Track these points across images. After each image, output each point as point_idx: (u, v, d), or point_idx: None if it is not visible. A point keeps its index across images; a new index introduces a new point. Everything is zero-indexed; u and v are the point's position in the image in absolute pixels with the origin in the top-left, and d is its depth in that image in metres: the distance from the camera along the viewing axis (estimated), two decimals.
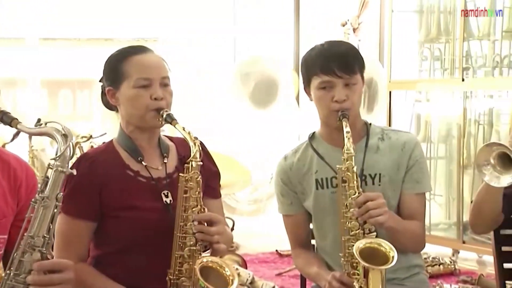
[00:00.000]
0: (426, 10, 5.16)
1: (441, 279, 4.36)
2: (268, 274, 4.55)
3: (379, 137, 2.34)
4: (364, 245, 2.07)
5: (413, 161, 2.31)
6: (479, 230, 2.45)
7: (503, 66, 4.73)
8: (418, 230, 2.30)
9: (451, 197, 5.17)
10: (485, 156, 2.05)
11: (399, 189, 2.32)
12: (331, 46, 2.29)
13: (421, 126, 5.42)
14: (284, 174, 2.39)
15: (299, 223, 2.41)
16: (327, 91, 2.24)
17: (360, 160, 2.28)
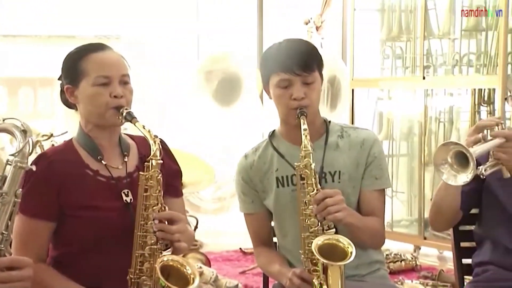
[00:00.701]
0: (387, 8, 5.21)
1: (402, 275, 4.41)
2: (231, 272, 4.55)
3: (338, 134, 2.36)
4: (322, 242, 2.08)
5: (372, 158, 2.32)
6: (439, 227, 2.49)
7: (463, 65, 4.79)
8: (377, 226, 2.32)
9: (412, 194, 5.23)
10: (443, 155, 2.07)
11: (358, 186, 2.33)
12: (289, 45, 2.30)
13: (383, 123, 5.47)
14: (245, 173, 2.39)
15: (261, 222, 2.41)
16: (286, 89, 2.25)
17: (320, 157, 2.30)
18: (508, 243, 2.29)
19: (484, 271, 2.36)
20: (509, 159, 2.12)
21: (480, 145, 2.11)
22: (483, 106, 4.80)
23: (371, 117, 5.51)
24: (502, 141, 2.11)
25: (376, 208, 2.33)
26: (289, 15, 5.92)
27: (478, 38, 4.72)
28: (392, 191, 5.19)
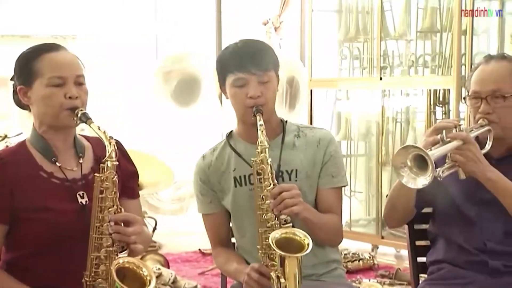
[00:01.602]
0: (345, 10, 5.25)
1: (360, 274, 4.45)
2: (191, 273, 4.54)
3: (295, 134, 2.38)
4: (280, 235, 2.08)
5: (328, 157, 2.35)
6: (393, 224, 2.51)
7: (419, 66, 4.86)
8: (335, 223, 2.34)
9: (370, 194, 5.27)
10: (402, 158, 2.08)
11: (315, 184, 2.36)
12: (245, 44, 2.32)
13: (342, 124, 5.51)
14: (202, 173, 2.40)
15: (219, 222, 2.42)
16: (242, 88, 2.26)
17: (277, 156, 2.31)
18: (461, 241, 2.32)
19: (438, 269, 2.39)
20: (466, 162, 2.14)
21: (438, 148, 2.12)
22: (439, 106, 4.87)
23: (330, 117, 5.55)
24: (459, 144, 2.13)
25: (334, 206, 2.36)
26: (247, 15, 5.92)
27: (433, 40, 4.80)
28: (350, 190, 5.24)
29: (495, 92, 2.25)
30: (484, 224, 2.30)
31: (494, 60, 2.31)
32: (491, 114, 2.26)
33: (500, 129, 2.27)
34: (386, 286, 4.08)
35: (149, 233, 2.25)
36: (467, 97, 2.33)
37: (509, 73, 2.28)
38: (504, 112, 2.25)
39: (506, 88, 2.25)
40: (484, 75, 2.29)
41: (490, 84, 2.26)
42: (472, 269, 2.30)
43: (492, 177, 2.16)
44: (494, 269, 2.27)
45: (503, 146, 2.32)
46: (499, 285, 2.26)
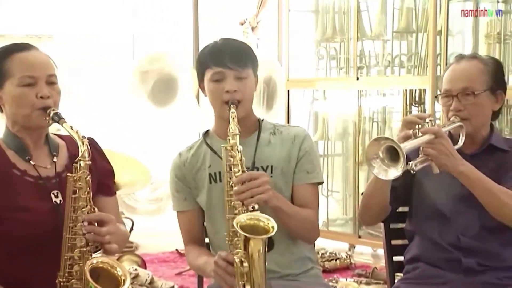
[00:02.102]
0: (321, 10, 5.27)
1: (337, 273, 4.46)
2: (168, 274, 4.53)
3: (270, 132, 2.40)
4: (244, 220, 2.08)
5: (303, 153, 2.36)
6: (368, 222, 2.52)
7: (395, 66, 4.89)
8: (310, 216, 2.34)
9: (347, 193, 5.29)
10: (374, 150, 2.10)
11: (291, 181, 2.36)
12: (224, 41, 2.36)
13: (319, 124, 5.53)
14: (178, 170, 2.41)
15: (193, 220, 2.41)
16: (219, 82, 2.29)
17: (252, 153, 2.33)
18: (436, 236, 2.34)
19: (414, 268, 2.41)
20: (438, 155, 2.16)
21: (410, 141, 2.15)
22: (415, 106, 4.90)
23: (307, 117, 5.56)
24: (431, 138, 2.16)
25: (309, 201, 2.36)
26: (224, 15, 5.92)
27: (409, 40, 4.83)
28: (327, 190, 5.25)
29: (465, 90, 2.30)
30: (458, 219, 2.32)
31: (465, 59, 2.37)
32: (462, 111, 2.30)
33: (472, 125, 2.31)
34: (363, 285, 4.09)
35: (125, 232, 2.24)
36: (439, 96, 2.37)
37: (479, 71, 2.32)
38: (475, 109, 2.30)
39: (476, 86, 2.30)
40: (455, 74, 2.34)
41: (461, 82, 2.31)
42: (447, 268, 2.32)
43: (464, 170, 2.19)
44: (468, 268, 2.29)
45: (475, 143, 2.35)
46: (474, 284, 2.28)
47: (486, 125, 2.37)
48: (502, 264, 2.29)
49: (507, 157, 2.33)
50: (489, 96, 2.32)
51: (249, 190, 2.13)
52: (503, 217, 2.21)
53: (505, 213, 2.20)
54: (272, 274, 2.33)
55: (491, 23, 4.31)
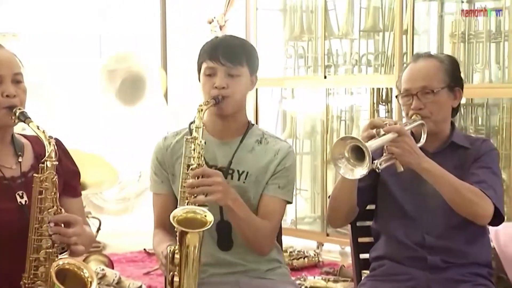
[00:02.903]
0: (289, 9, 5.28)
1: (305, 271, 4.48)
2: (135, 273, 4.50)
3: (257, 139, 2.38)
4: (181, 214, 2.08)
5: (281, 167, 2.35)
6: (336, 224, 2.53)
7: (362, 64, 4.93)
8: (265, 228, 2.31)
9: (315, 192, 5.32)
10: (340, 149, 2.11)
11: (261, 190, 2.35)
12: (225, 37, 2.38)
13: (287, 122, 5.54)
14: (160, 154, 2.41)
15: (166, 204, 2.39)
16: (210, 77, 2.29)
17: (230, 154, 2.34)
18: (401, 236, 2.37)
19: (380, 265, 2.43)
20: (402, 153, 2.18)
21: (375, 140, 2.16)
22: (382, 105, 4.94)
23: (275, 116, 5.57)
24: (395, 136, 2.18)
25: (271, 213, 2.34)
26: (192, 14, 5.91)
27: (376, 39, 4.87)
28: (296, 189, 5.27)
29: (425, 88, 2.33)
30: (423, 217, 2.35)
31: (422, 58, 2.40)
32: (423, 109, 2.33)
33: (433, 123, 2.34)
34: (330, 282, 4.11)
35: (91, 233, 2.22)
36: (399, 96, 2.40)
37: (436, 69, 2.36)
38: (435, 106, 2.33)
39: (435, 84, 2.33)
40: (413, 73, 2.37)
41: (419, 81, 2.34)
42: (412, 265, 2.35)
43: (428, 167, 2.21)
44: (433, 265, 2.32)
45: (437, 140, 2.39)
46: (439, 281, 2.31)
47: (447, 122, 2.40)
48: (466, 261, 2.33)
49: (469, 154, 2.37)
50: (447, 93, 2.36)
51: (200, 186, 2.13)
52: (467, 212, 2.24)
53: (469, 209, 2.22)
54: (239, 268, 2.34)
55: (456, 22, 4.36)
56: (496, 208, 2.24)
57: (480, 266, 2.36)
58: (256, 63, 2.37)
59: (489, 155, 2.36)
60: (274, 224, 2.36)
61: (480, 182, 2.25)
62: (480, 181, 2.26)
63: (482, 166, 2.32)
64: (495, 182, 2.30)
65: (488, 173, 2.30)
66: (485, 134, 4.38)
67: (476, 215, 2.24)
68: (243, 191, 2.32)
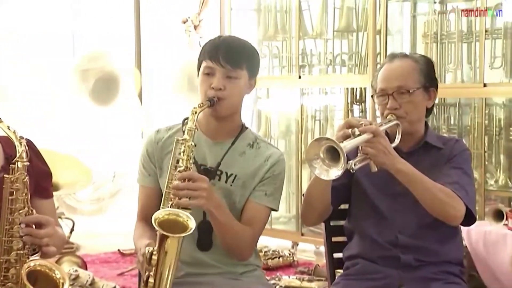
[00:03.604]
0: (263, 9, 5.29)
1: (280, 271, 4.49)
2: (109, 274, 4.48)
3: (249, 143, 2.36)
4: (163, 216, 2.08)
5: (270, 174, 2.33)
6: (310, 222, 2.53)
7: (336, 64, 4.95)
8: (246, 235, 2.31)
9: (290, 191, 5.33)
10: (315, 150, 2.11)
11: (248, 195, 2.34)
12: (227, 38, 2.36)
13: (262, 122, 5.55)
14: (150, 146, 2.40)
15: (151, 197, 2.38)
16: (208, 76, 2.27)
17: (220, 155, 2.32)
18: (374, 235, 2.38)
19: (353, 264, 2.44)
20: (376, 154, 2.19)
21: (350, 140, 2.17)
22: (356, 104, 4.97)
23: (250, 116, 5.57)
24: (370, 137, 2.18)
25: (255, 220, 2.33)
26: (166, 13, 5.88)
27: (350, 39, 4.89)
28: None
29: (400, 88, 2.34)
30: (396, 217, 2.36)
31: (398, 58, 2.41)
32: (398, 109, 2.34)
33: (408, 123, 2.36)
34: (305, 282, 4.12)
35: (63, 235, 2.20)
36: (375, 95, 2.41)
37: (412, 69, 2.37)
38: (410, 107, 2.35)
39: (410, 84, 2.35)
40: (389, 73, 2.38)
41: (395, 81, 2.35)
42: (385, 264, 2.36)
43: (402, 167, 2.22)
44: (406, 264, 2.34)
45: (412, 140, 2.40)
46: (411, 279, 2.33)
47: (421, 122, 2.42)
48: (438, 260, 2.35)
49: (442, 154, 2.39)
50: (422, 93, 2.37)
51: (186, 190, 2.13)
52: (439, 213, 2.26)
53: (440, 210, 2.24)
54: (215, 269, 2.33)
55: (428, 23, 4.40)
56: (468, 209, 2.26)
57: (452, 264, 2.38)
58: (256, 67, 2.35)
59: (461, 155, 2.38)
60: (257, 231, 2.35)
61: (452, 183, 2.27)
62: (453, 182, 2.27)
63: (454, 167, 2.34)
64: (467, 182, 2.32)
65: (460, 174, 2.32)
66: (457, 133, 4.42)
67: (448, 216, 2.26)
68: (229, 194, 2.32)
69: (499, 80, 4.18)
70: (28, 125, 4.59)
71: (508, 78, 4.16)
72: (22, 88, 5.45)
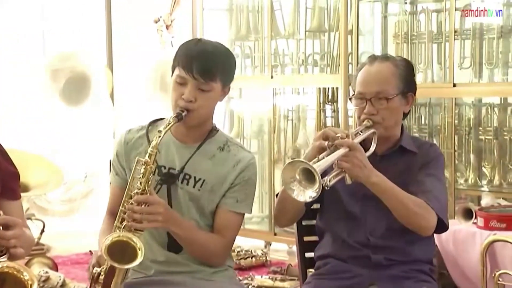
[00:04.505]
0: (235, 8, 5.29)
1: (253, 271, 4.49)
2: (81, 276, 4.44)
3: (220, 146, 2.33)
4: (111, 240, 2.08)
5: (240, 180, 2.31)
6: (283, 224, 2.51)
7: (308, 64, 4.96)
8: (215, 245, 2.30)
9: (263, 191, 5.34)
10: (290, 173, 2.09)
11: (217, 200, 2.32)
12: (204, 45, 2.27)
13: (234, 122, 5.55)
14: (119, 147, 2.39)
15: (118, 195, 2.35)
16: (181, 86, 2.23)
17: (185, 158, 2.30)
18: (345, 236, 2.39)
19: (325, 264, 2.45)
20: (351, 168, 2.16)
21: (325, 159, 2.14)
22: (328, 104, 4.99)
23: (222, 116, 5.57)
24: (345, 151, 2.16)
25: (225, 228, 2.32)
26: (138, 13, 5.85)
27: (322, 39, 4.91)
28: None
29: (379, 94, 2.32)
30: (367, 220, 2.37)
31: (378, 61, 2.38)
32: (375, 115, 2.32)
33: (384, 128, 2.34)
34: (278, 281, 4.13)
35: (31, 236, 2.17)
36: (353, 97, 2.40)
37: (391, 75, 2.34)
38: (387, 113, 2.33)
39: (389, 90, 2.32)
40: (368, 77, 2.35)
41: (374, 86, 2.33)
42: (356, 263, 2.37)
43: (376, 181, 2.21)
44: (377, 263, 2.35)
45: (387, 143, 2.40)
46: (382, 278, 2.34)
47: (398, 126, 2.41)
48: (407, 259, 2.36)
49: (415, 159, 2.38)
50: (400, 99, 2.35)
51: (140, 214, 2.13)
52: (411, 224, 2.26)
53: (413, 221, 2.25)
54: (184, 268, 2.32)
55: (399, 23, 4.43)
56: (440, 218, 2.27)
57: (422, 263, 2.39)
58: (231, 75, 2.31)
59: (436, 161, 2.38)
60: (228, 239, 2.33)
61: (425, 192, 2.27)
62: (426, 191, 2.27)
63: (428, 174, 2.33)
64: (440, 191, 2.32)
65: (434, 181, 2.31)
66: (428, 133, 4.46)
67: (420, 227, 2.27)
68: (196, 199, 2.30)
69: (468, 80, 4.23)
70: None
71: (477, 78, 4.21)
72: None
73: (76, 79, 5.43)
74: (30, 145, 5.08)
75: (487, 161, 4.23)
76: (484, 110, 4.25)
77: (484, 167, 4.26)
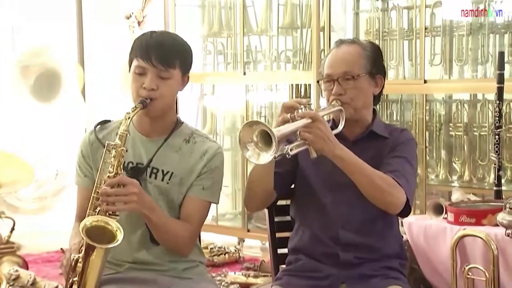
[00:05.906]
0: (208, 5, 5.27)
1: (226, 267, 4.49)
2: (52, 274, 4.41)
3: (185, 139, 2.34)
4: (90, 223, 2.08)
5: (207, 169, 2.31)
6: (253, 208, 2.48)
7: (281, 61, 4.96)
8: (184, 232, 2.30)
9: (236, 188, 5.33)
10: (248, 134, 2.06)
11: (186, 191, 2.33)
12: (159, 35, 2.29)
13: (207, 119, 5.53)
14: (85, 147, 2.38)
15: (88, 198, 2.31)
16: (141, 76, 2.25)
17: (152, 152, 2.30)
18: (317, 229, 2.38)
19: (296, 260, 2.44)
20: (314, 140, 2.14)
21: (285, 125, 2.13)
22: None
23: (195, 112, 5.56)
24: (308, 122, 2.14)
25: (192, 215, 2.32)
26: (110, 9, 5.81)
27: (294, 36, 4.92)
28: None
29: (346, 74, 2.32)
30: (340, 210, 2.35)
31: (345, 44, 2.39)
32: (343, 95, 2.32)
33: (353, 109, 2.34)
34: (251, 278, 4.14)
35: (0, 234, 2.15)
36: (321, 81, 2.40)
37: (358, 55, 2.35)
38: (355, 92, 2.33)
39: (356, 70, 2.33)
40: (335, 59, 2.36)
41: (341, 66, 2.33)
42: (326, 262, 2.36)
43: (341, 154, 2.18)
44: (346, 262, 2.34)
45: (357, 128, 2.39)
46: (351, 276, 2.33)
47: (368, 109, 2.40)
48: (378, 256, 2.36)
49: (386, 144, 2.37)
50: (368, 80, 2.36)
51: (115, 196, 2.12)
52: (379, 201, 2.22)
53: (380, 197, 2.21)
54: (153, 266, 2.32)
55: (370, 20, 4.45)
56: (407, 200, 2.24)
57: (391, 258, 2.38)
58: (189, 63, 2.33)
59: (406, 144, 2.37)
60: (195, 227, 2.33)
61: (393, 171, 2.25)
62: (393, 170, 2.25)
63: (396, 156, 2.32)
64: (408, 171, 2.29)
65: (402, 163, 2.30)
66: None
67: (388, 204, 2.23)
68: (166, 192, 2.30)
69: (439, 77, 4.26)
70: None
71: (447, 74, 4.24)
72: None
73: (47, 75, 5.39)
74: (0, 143, 5.02)
75: (458, 157, 4.26)
76: (454, 107, 4.28)
77: (455, 162, 4.30)
